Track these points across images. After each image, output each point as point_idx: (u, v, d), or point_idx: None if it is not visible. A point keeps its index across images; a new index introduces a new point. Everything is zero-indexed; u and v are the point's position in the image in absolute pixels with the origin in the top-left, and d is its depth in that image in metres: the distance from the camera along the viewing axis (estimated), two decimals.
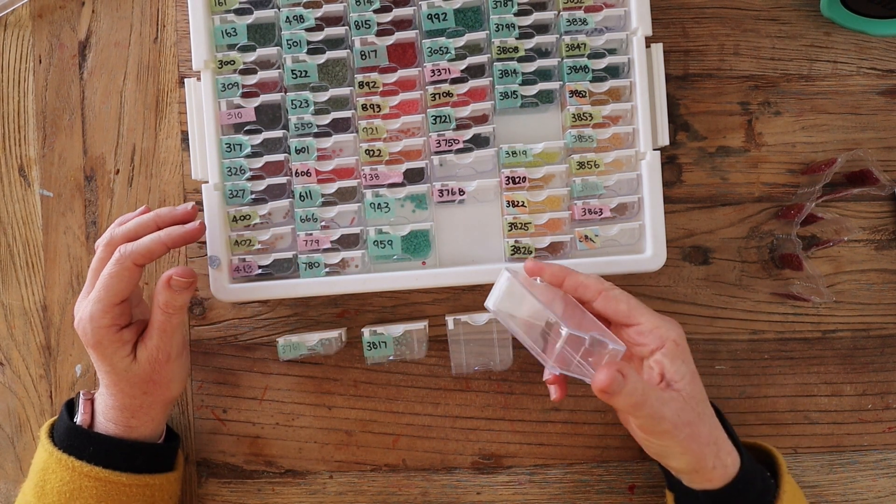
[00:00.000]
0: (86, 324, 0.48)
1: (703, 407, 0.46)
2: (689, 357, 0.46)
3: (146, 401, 0.51)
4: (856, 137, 0.59)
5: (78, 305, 0.50)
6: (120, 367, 0.50)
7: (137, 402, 0.51)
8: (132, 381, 0.50)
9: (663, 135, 0.55)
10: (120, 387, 0.50)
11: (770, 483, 0.48)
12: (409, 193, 0.55)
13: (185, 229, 0.50)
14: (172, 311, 0.50)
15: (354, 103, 0.55)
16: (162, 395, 0.52)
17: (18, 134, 0.60)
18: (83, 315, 0.49)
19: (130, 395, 0.51)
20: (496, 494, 0.58)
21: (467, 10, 0.55)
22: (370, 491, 0.59)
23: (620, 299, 0.46)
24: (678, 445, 0.44)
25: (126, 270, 0.48)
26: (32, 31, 0.60)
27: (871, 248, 0.59)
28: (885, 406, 0.58)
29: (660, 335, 0.45)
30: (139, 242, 0.49)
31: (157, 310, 0.50)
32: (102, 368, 0.50)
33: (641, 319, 0.46)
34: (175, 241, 0.50)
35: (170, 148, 0.60)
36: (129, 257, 0.48)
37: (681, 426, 0.44)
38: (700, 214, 0.59)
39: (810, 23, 0.59)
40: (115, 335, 0.49)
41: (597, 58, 0.55)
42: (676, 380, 0.45)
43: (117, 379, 0.50)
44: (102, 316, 0.48)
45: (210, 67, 0.55)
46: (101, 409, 0.52)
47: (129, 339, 0.50)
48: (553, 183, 0.55)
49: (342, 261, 0.55)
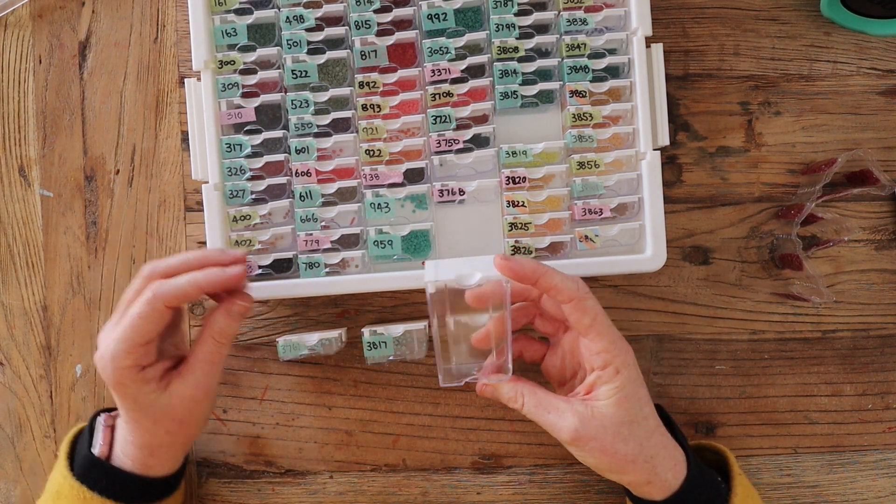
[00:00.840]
0: (106, 362, 0.45)
1: (628, 428, 0.45)
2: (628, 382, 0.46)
3: (168, 440, 0.48)
4: (856, 137, 0.59)
5: (103, 336, 0.46)
6: (144, 403, 0.46)
7: (158, 441, 0.48)
8: (157, 418, 0.47)
9: (663, 135, 0.55)
10: (141, 423, 0.47)
11: (721, 488, 0.49)
12: (410, 193, 0.55)
13: (225, 273, 0.45)
14: (226, 340, 0.47)
15: (354, 103, 0.55)
16: (186, 434, 0.49)
17: (18, 134, 0.60)
18: (104, 352, 0.45)
19: (151, 434, 0.47)
20: (496, 494, 0.58)
21: (467, 10, 0.55)
22: (370, 491, 0.59)
23: (587, 313, 0.46)
24: (591, 458, 0.46)
25: (156, 312, 0.44)
26: (32, 31, 0.60)
27: (871, 248, 0.59)
28: (885, 406, 0.58)
29: (605, 358, 0.46)
30: (173, 283, 0.45)
31: (208, 340, 0.47)
32: (124, 405, 0.47)
33: (596, 338, 0.46)
34: (212, 286, 0.45)
35: (170, 148, 0.60)
36: (160, 298, 0.44)
37: (582, 439, 0.45)
38: (700, 214, 0.59)
39: (810, 23, 0.59)
40: (136, 375, 0.45)
41: (597, 58, 0.55)
42: (599, 398, 0.46)
43: (140, 416, 0.47)
44: (125, 357, 0.45)
45: (210, 67, 0.55)
46: (120, 441, 0.49)
47: (154, 377, 0.46)
48: (553, 183, 0.55)
49: (342, 261, 0.55)
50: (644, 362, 0.59)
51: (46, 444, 0.60)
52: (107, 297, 0.60)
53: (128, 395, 0.46)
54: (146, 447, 0.48)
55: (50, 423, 0.60)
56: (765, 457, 0.58)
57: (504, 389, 0.48)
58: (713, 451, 0.54)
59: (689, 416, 0.58)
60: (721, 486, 0.49)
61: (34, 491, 0.59)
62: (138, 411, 0.47)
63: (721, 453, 0.53)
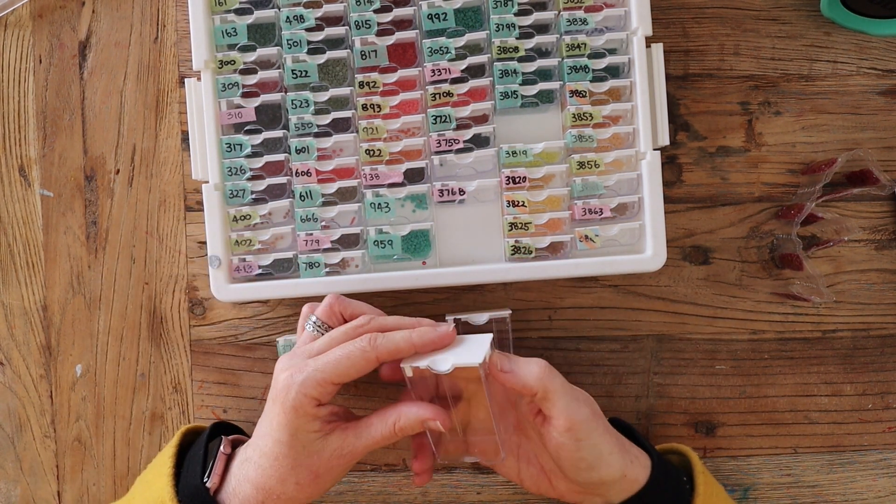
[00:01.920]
0: (294, 386, 0.44)
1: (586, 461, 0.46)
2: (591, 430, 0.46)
3: (289, 493, 0.45)
4: (856, 137, 0.59)
5: (293, 358, 0.46)
6: (301, 440, 0.44)
7: (281, 489, 0.45)
8: (299, 461, 0.45)
9: (663, 135, 0.55)
10: (280, 462, 0.45)
11: (685, 489, 0.49)
12: (410, 193, 0.55)
13: (438, 333, 0.46)
14: (401, 436, 0.46)
15: (354, 103, 0.55)
16: (306, 494, 0.46)
17: (18, 134, 0.60)
18: (296, 376, 0.44)
19: (279, 479, 0.45)
20: (496, 494, 0.58)
21: (467, 10, 0.55)
22: (370, 491, 0.59)
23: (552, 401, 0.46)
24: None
25: (365, 360, 0.44)
26: (32, 31, 0.60)
27: (871, 248, 0.59)
28: (885, 406, 0.58)
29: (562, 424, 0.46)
30: (391, 336, 0.45)
31: (390, 424, 0.45)
32: (276, 435, 0.45)
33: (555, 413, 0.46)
34: (426, 345, 0.46)
35: (170, 148, 0.60)
36: (376, 349, 0.44)
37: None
38: (700, 214, 0.59)
39: (810, 23, 0.59)
40: (312, 408, 0.44)
41: (597, 58, 0.55)
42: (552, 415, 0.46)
43: (286, 451, 0.44)
44: (315, 387, 0.44)
45: (210, 67, 0.55)
46: (237, 476, 0.46)
47: (322, 417, 0.45)
48: (553, 183, 0.55)
49: (342, 261, 0.55)
50: (644, 362, 0.59)
51: (46, 444, 0.60)
52: (107, 296, 0.60)
53: (291, 425, 0.44)
54: (264, 491, 0.45)
55: (50, 423, 0.60)
56: (765, 457, 0.58)
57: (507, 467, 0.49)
58: (678, 454, 0.54)
59: (689, 416, 0.59)
60: (686, 486, 0.49)
61: (34, 491, 0.59)
62: (289, 446, 0.44)
63: (685, 454, 0.53)
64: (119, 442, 0.59)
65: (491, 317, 0.55)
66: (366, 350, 0.44)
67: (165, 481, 0.47)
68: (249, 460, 0.46)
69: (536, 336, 0.59)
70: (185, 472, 0.48)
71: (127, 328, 0.60)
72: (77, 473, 0.59)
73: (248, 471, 0.46)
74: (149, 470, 0.51)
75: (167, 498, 0.46)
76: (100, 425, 0.59)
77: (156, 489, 0.47)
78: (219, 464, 0.47)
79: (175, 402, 0.59)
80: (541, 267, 0.54)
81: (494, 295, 0.59)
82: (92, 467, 0.59)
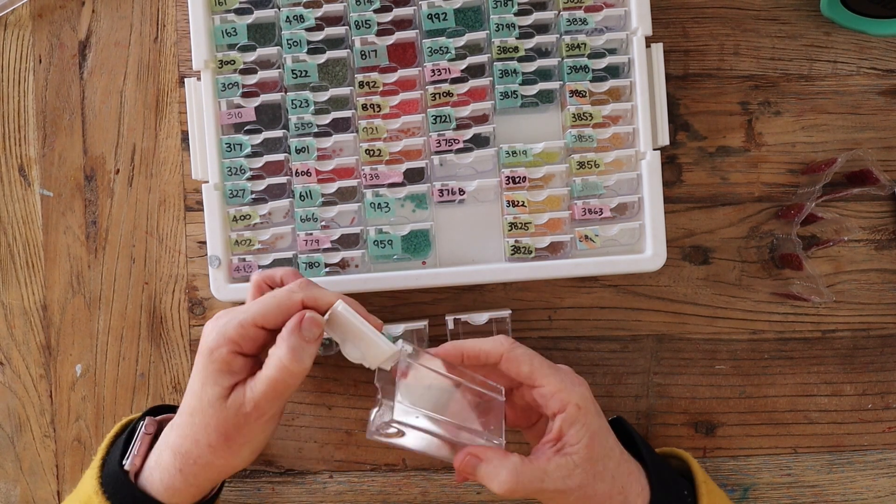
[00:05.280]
0: (216, 329, 0.43)
1: (602, 464, 0.45)
2: (592, 417, 0.45)
3: (204, 457, 0.44)
4: (856, 137, 0.59)
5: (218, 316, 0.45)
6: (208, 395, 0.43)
7: (196, 451, 0.44)
8: (206, 418, 0.43)
9: (663, 135, 0.55)
10: (193, 418, 0.43)
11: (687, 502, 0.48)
12: (409, 193, 0.55)
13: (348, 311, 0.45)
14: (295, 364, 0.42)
15: (354, 103, 0.55)
16: (223, 460, 0.44)
17: (18, 134, 0.60)
18: (219, 320, 0.44)
19: (194, 440, 0.44)
20: (496, 494, 0.58)
21: (467, 10, 0.55)
22: (370, 491, 0.59)
23: (522, 361, 0.45)
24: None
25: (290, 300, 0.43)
26: (32, 30, 0.60)
27: (871, 248, 0.59)
28: (885, 406, 0.58)
29: (561, 399, 0.45)
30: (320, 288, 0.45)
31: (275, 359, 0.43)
32: (191, 387, 0.44)
33: (543, 382, 0.45)
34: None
35: (170, 148, 0.60)
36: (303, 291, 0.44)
37: (568, 491, 0.44)
38: (700, 214, 0.59)
39: (810, 23, 0.59)
40: (227, 353, 0.43)
41: (597, 58, 0.55)
42: (572, 443, 0.45)
43: (196, 404, 0.43)
44: (236, 328, 0.43)
45: (210, 67, 0.55)
46: (159, 446, 0.45)
47: (236, 370, 0.43)
48: (553, 183, 0.55)
49: (342, 260, 0.55)
50: (644, 362, 0.59)
51: (46, 443, 0.60)
52: (107, 296, 0.60)
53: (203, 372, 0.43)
54: (181, 455, 0.44)
55: (50, 423, 0.60)
56: (765, 457, 0.58)
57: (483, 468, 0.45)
58: (678, 458, 0.53)
59: (689, 416, 0.59)
60: (688, 500, 0.48)
61: (34, 491, 0.59)
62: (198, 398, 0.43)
63: (684, 460, 0.52)
64: None
65: (491, 317, 0.55)
66: (292, 290, 0.43)
67: (92, 474, 0.45)
68: (172, 425, 0.45)
69: (536, 336, 0.59)
70: (109, 458, 0.46)
71: (127, 328, 0.60)
72: (77, 473, 0.59)
73: (169, 436, 0.44)
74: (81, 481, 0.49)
75: (92, 492, 0.44)
76: (100, 425, 0.59)
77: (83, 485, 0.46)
78: (140, 444, 0.46)
79: (175, 402, 0.59)
80: (541, 267, 0.54)
81: (494, 295, 0.59)
82: None
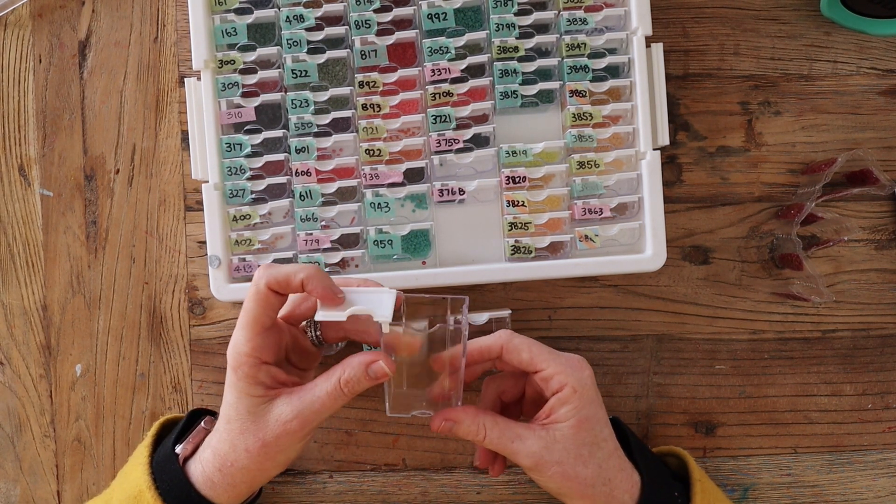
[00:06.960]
0: (232, 348, 0.44)
1: (588, 450, 0.45)
2: (586, 402, 0.46)
3: (242, 461, 0.45)
4: (856, 137, 0.59)
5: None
6: (246, 404, 0.44)
7: (234, 455, 0.45)
8: (244, 425, 0.44)
9: (663, 134, 0.55)
10: (231, 425, 0.45)
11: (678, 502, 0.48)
12: (409, 193, 0.55)
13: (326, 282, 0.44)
14: (349, 392, 0.44)
15: (354, 103, 0.55)
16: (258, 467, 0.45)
17: (18, 134, 0.60)
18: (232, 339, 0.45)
19: (231, 444, 0.45)
20: (496, 494, 0.58)
21: (467, 10, 0.55)
22: (370, 491, 0.59)
23: (521, 349, 0.46)
24: (553, 483, 0.45)
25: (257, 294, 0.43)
26: (32, 30, 0.60)
27: (871, 248, 0.59)
28: (885, 406, 0.58)
29: (559, 380, 0.45)
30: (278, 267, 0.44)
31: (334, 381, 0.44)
32: (227, 398, 0.45)
33: (543, 366, 0.46)
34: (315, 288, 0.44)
35: (170, 148, 0.60)
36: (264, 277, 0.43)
37: (543, 464, 0.44)
38: (700, 214, 0.59)
39: (810, 23, 0.59)
40: (252, 367, 0.44)
41: (597, 57, 0.55)
42: (559, 420, 0.45)
43: (233, 414, 0.45)
44: (244, 343, 0.44)
45: (210, 67, 0.55)
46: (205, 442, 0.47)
47: (266, 381, 0.44)
48: (553, 183, 0.55)
49: (342, 260, 0.55)
50: (644, 362, 0.59)
51: (46, 443, 0.60)
52: (107, 296, 0.60)
53: (235, 387, 0.44)
54: (220, 456, 0.45)
55: (50, 423, 0.60)
56: (765, 457, 0.58)
57: (465, 423, 0.46)
58: (676, 457, 0.53)
59: (689, 416, 0.59)
60: (679, 501, 0.48)
61: (34, 491, 0.59)
62: (235, 409, 0.44)
63: (682, 458, 0.52)
64: (119, 442, 0.59)
65: (491, 317, 0.55)
66: (256, 282, 0.44)
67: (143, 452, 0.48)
68: (214, 429, 0.47)
69: (536, 336, 0.58)
70: (162, 445, 0.48)
71: (127, 328, 0.60)
72: (77, 473, 0.59)
73: (212, 437, 0.46)
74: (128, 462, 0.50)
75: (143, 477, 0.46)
76: (99, 425, 0.59)
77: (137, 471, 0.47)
78: (196, 435, 0.48)
79: (175, 402, 0.59)
80: (540, 267, 0.54)
81: (494, 295, 0.59)
82: (91, 467, 0.59)
